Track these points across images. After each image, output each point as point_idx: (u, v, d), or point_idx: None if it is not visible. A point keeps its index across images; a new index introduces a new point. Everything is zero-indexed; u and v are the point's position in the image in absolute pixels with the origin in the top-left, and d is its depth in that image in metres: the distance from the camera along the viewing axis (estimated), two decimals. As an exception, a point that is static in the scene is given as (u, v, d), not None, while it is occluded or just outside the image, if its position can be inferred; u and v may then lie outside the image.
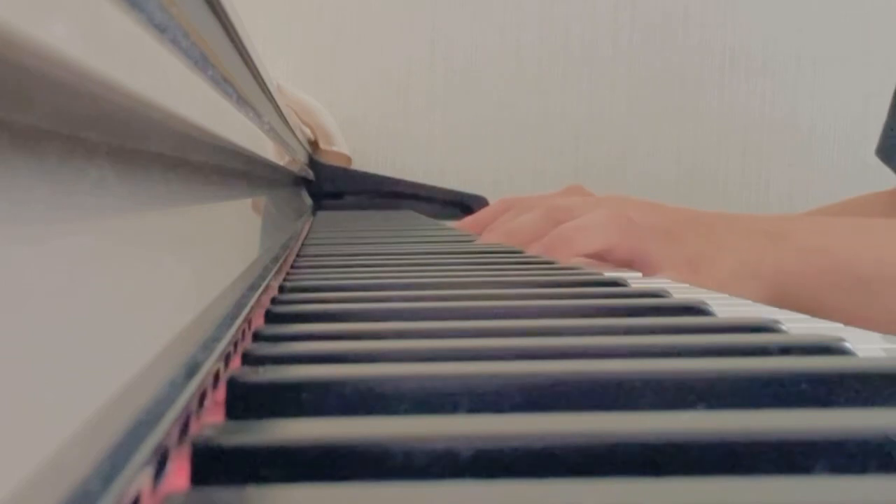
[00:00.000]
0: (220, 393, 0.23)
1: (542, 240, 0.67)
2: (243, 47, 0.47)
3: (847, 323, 0.68)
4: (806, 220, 0.74)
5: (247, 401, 0.23)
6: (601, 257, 0.66)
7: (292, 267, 0.53)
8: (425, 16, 1.64)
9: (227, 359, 0.26)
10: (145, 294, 0.23)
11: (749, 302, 0.41)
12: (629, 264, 0.67)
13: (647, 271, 0.66)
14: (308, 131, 1.39)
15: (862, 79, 1.62)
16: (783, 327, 0.32)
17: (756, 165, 1.65)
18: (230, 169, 0.50)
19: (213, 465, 0.18)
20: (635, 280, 0.48)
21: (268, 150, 0.62)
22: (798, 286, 0.68)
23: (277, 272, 0.48)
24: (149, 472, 0.16)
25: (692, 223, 0.73)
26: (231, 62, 0.45)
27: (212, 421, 0.21)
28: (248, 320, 0.32)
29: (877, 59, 1.16)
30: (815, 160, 1.65)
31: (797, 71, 1.67)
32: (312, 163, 1.34)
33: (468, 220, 0.97)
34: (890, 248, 0.69)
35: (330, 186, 1.40)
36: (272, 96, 0.67)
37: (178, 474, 0.18)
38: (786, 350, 0.28)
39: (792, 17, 1.66)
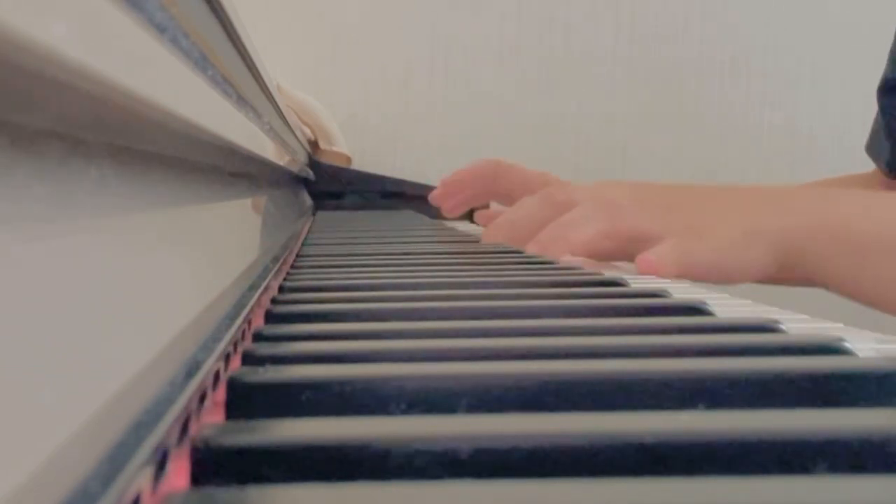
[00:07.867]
0: (220, 393, 0.23)
1: (539, 239, 0.68)
2: (243, 47, 0.47)
3: (839, 286, 0.72)
4: (805, 189, 0.76)
5: (247, 401, 0.23)
6: (598, 251, 0.67)
7: (292, 267, 0.53)
8: (425, 16, 1.64)
9: (227, 359, 0.26)
10: (145, 294, 0.23)
11: (749, 302, 0.41)
12: (632, 244, 0.67)
13: (649, 245, 0.66)
14: (308, 131, 1.39)
15: (862, 82, 1.62)
16: (783, 327, 0.32)
17: (756, 169, 1.65)
18: (230, 169, 0.50)
19: (213, 465, 0.18)
20: (635, 280, 0.48)
21: (268, 149, 0.62)
22: (801, 247, 0.69)
23: (277, 272, 0.48)
24: (149, 472, 0.16)
25: (689, 194, 0.75)
26: (231, 62, 0.45)
27: (212, 421, 0.21)
28: (248, 320, 0.32)
29: (877, 63, 1.17)
30: (815, 164, 1.64)
31: (797, 74, 1.67)
32: (312, 163, 1.34)
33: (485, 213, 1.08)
34: (888, 216, 0.71)
35: (330, 186, 1.40)
36: (272, 96, 0.67)
37: (178, 474, 0.18)
38: (786, 350, 0.28)
39: (792, 19, 1.66)
